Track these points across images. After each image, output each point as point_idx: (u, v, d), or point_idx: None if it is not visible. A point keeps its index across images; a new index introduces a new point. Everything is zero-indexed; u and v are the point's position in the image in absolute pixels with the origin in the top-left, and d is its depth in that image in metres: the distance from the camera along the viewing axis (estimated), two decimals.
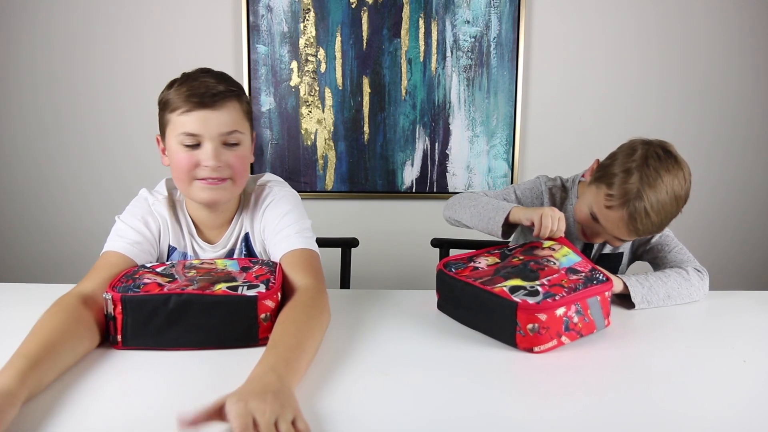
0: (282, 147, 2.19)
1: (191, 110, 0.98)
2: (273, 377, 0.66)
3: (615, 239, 1.17)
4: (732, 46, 2.21)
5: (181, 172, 1.02)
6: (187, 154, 1.00)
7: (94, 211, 2.24)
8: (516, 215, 1.11)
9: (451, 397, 0.71)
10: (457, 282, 0.98)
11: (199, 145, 1.00)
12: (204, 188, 1.02)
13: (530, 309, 0.85)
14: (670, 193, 1.09)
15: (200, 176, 1.01)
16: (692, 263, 1.21)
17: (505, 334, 0.88)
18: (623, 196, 1.08)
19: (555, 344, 0.87)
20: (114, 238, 1.03)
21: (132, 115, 2.18)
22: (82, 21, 2.12)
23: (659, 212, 1.08)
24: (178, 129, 0.99)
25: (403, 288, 1.68)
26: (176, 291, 0.84)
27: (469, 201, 1.22)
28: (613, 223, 1.12)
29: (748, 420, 0.68)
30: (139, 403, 0.69)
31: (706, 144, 2.28)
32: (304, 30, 2.12)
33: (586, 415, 0.67)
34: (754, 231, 2.35)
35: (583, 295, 0.90)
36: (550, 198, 1.30)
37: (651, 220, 1.08)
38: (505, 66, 2.16)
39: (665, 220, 1.11)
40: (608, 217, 1.12)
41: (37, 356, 0.70)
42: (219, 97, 0.99)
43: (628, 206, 1.08)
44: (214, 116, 0.99)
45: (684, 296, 1.13)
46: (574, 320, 0.88)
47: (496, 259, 1.06)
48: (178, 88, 1.00)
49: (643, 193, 1.07)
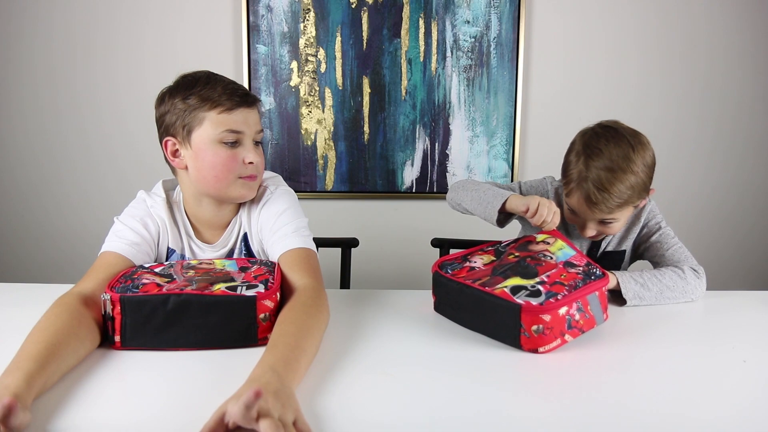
0: (282, 147, 2.19)
1: (235, 108, 1.02)
2: (272, 377, 0.66)
3: (602, 225, 1.18)
4: (732, 46, 2.21)
5: (222, 171, 1.03)
6: (230, 152, 1.03)
7: (94, 212, 2.24)
8: (513, 202, 1.11)
9: (452, 397, 0.71)
10: (454, 284, 0.97)
11: (236, 143, 1.03)
12: (244, 185, 1.06)
13: (534, 311, 0.84)
14: (617, 159, 1.10)
15: (244, 174, 1.05)
16: (689, 262, 1.20)
17: (508, 336, 0.88)
18: (574, 180, 1.14)
19: (559, 343, 0.87)
20: (112, 239, 1.03)
21: (132, 115, 2.18)
22: (82, 21, 2.12)
23: (612, 181, 1.10)
24: (219, 127, 1.01)
25: (403, 288, 1.67)
26: (175, 291, 0.84)
27: (473, 185, 1.23)
28: (580, 208, 1.16)
29: (748, 420, 0.67)
30: (138, 403, 0.69)
31: (706, 144, 2.27)
32: (304, 30, 2.12)
33: (587, 414, 0.67)
34: (754, 231, 2.35)
35: (584, 292, 0.90)
36: (555, 198, 1.31)
37: (608, 191, 1.10)
38: (505, 66, 2.16)
39: (624, 189, 1.10)
40: (573, 204, 1.17)
41: (44, 358, 0.70)
42: (253, 97, 1.06)
43: (580, 187, 1.13)
44: (252, 115, 1.05)
45: (679, 295, 1.13)
46: (576, 317, 0.89)
47: (491, 257, 1.05)
48: (212, 87, 1.01)
49: (588, 169, 1.11)
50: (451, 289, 0.98)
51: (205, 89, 1.01)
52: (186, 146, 1.03)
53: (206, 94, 1.01)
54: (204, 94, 1.01)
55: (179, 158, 1.05)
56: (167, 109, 1.03)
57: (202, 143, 1.02)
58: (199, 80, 1.02)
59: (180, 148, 1.04)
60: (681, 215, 2.30)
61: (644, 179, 1.14)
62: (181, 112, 1.02)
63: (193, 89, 1.01)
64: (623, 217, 1.18)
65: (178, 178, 1.10)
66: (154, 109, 1.06)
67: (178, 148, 1.05)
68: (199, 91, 1.01)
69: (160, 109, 1.05)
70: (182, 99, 1.01)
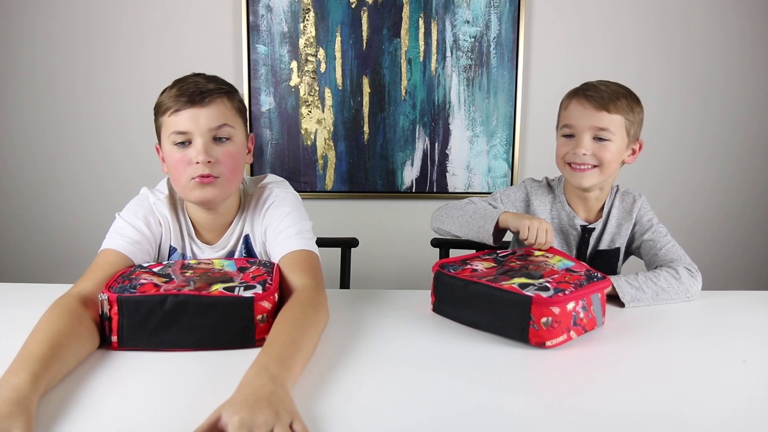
0: (282, 147, 2.19)
1: (181, 109, 1.00)
2: (266, 379, 0.66)
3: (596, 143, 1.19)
4: (732, 46, 2.20)
5: (175, 173, 1.03)
6: (180, 153, 1.01)
7: (94, 212, 2.24)
8: (505, 220, 1.13)
9: (452, 396, 0.71)
10: (458, 281, 0.97)
11: (186, 144, 1.02)
12: (195, 186, 1.02)
13: (544, 302, 0.86)
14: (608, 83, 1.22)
15: (193, 175, 1.01)
16: (683, 261, 1.20)
17: (515, 330, 0.88)
18: (570, 92, 1.24)
19: (565, 338, 0.88)
20: (114, 236, 1.03)
21: (132, 116, 2.18)
22: (82, 21, 2.12)
23: (608, 84, 1.21)
24: (170, 129, 1.01)
25: (403, 288, 1.67)
26: (172, 292, 0.84)
27: (456, 211, 1.23)
28: (578, 112, 1.20)
29: (748, 420, 0.67)
30: (135, 404, 0.69)
31: (707, 144, 2.27)
32: (304, 30, 2.12)
33: (586, 412, 0.67)
34: (754, 231, 2.34)
35: (588, 291, 0.92)
36: (537, 197, 1.31)
37: (604, 88, 1.19)
38: (505, 66, 2.15)
39: (620, 90, 1.21)
40: (572, 113, 1.21)
41: (48, 358, 0.70)
42: (207, 95, 1.00)
43: (579, 90, 1.22)
44: (203, 113, 1.00)
45: (675, 295, 1.13)
46: (580, 315, 0.90)
47: (491, 264, 1.06)
48: (169, 91, 1.02)
49: (587, 83, 1.23)
50: (455, 286, 0.98)
51: (164, 94, 1.03)
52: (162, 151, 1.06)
53: (162, 98, 1.03)
54: (160, 99, 1.04)
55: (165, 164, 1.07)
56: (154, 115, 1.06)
57: (165, 147, 1.04)
58: (171, 85, 1.04)
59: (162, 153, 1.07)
60: (681, 215, 2.30)
61: (635, 100, 1.22)
62: (154, 118, 1.05)
63: (162, 95, 1.04)
64: (617, 131, 1.19)
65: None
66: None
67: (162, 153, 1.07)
68: (161, 96, 1.04)
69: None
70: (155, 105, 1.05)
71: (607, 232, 1.29)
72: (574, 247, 1.31)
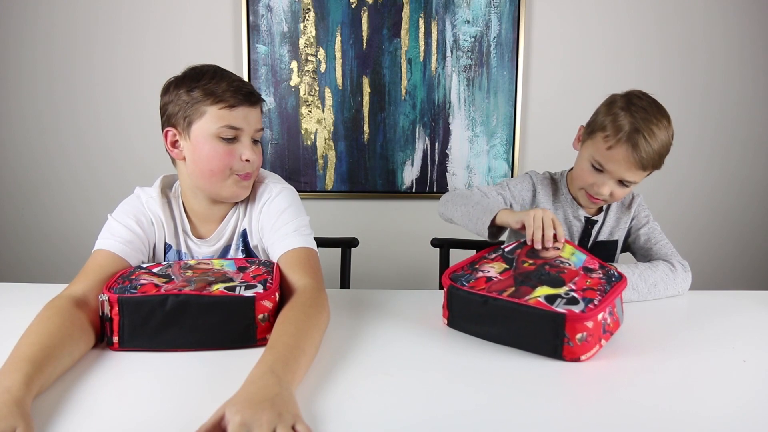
0: (282, 147, 2.19)
1: (237, 105, 1.02)
2: (271, 380, 0.66)
3: (618, 186, 1.20)
4: (732, 46, 2.20)
5: (217, 165, 1.03)
6: (227, 147, 1.03)
7: (94, 211, 2.24)
8: (503, 218, 1.09)
9: (453, 397, 0.71)
10: (476, 296, 0.90)
11: (235, 139, 1.03)
12: (236, 182, 1.06)
13: (579, 318, 0.81)
14: (661, 119, 1.17)
15: (238, 171, 1.05)
16: (676, 257, 1.25)
17: (548, 347, 0.84)
18: (620, 130, 1.15)
19: (597, 349, 0.85)
20: (106, 236, 1.03)
21: (132, 115, 2.18)
22: (82, 20, 2.12)
23: (656, 138, 1.15)
24: (219, 122, 1.01)
25: (403, 288, 1.67)
26: (173, 292, 0.84)
27: (462, 199, 1.22)
28: (618, 162, 1.16)
29: (748, 420, 0.67)
30: (137, 404, 0.69)
31: (707, 144, 2.27)
32: (304, 30, 2.12)
33: (588, 413, 0.67)
34: (754, 231, 2.35)
35: (613, 297, 0.89)
36: (542, 188, 1.34)
37: (651, 146, 1.14)
38: (505, 66, 2.15)
39: (663, 149, 1.18)
40: (612, 157, 1.16)
41: (40, 360, 0.70)
42: (257, 96, 1.07)
43: (629, 139, 1.14)
44: (253, 113, 1.06)
45: (669, 288, 1.17)
46: (608, 321, 0.88)
47: (503, 265, 1.00)
48: (217, 82, 1.02)
49: (638, 124, 1.14)
50: (472, 302, 0.91)
51: (210, 83, 1.01)
52: (185, 138, 1.04)
53: (210, 88, 1.01)
54: (208, 89, 1.01)
55: (178, 149, 1.06)
56: (171, 99, 1.04)
57: (201, 136, 1.02)
58: (206, 74, 1.03)
59: (180, 139, 1.05)
60: (680, 215, 2.30)
61: (669, 146, 1.20)
62: (184, 104, 1.02)
63: (198, 82, 1.02)
64: (639, 181, 1.21)
65: (177, 169, 1.11)
66: (160, 97, 1.07)
67: (178, 138, 1.05)
68: (204, 85, 1.01)
69: (164, 99, 1.05)
70: (186, 91, 1.02)
71: (606, 224, 1.34)
72: (576, 238, 1.34)
